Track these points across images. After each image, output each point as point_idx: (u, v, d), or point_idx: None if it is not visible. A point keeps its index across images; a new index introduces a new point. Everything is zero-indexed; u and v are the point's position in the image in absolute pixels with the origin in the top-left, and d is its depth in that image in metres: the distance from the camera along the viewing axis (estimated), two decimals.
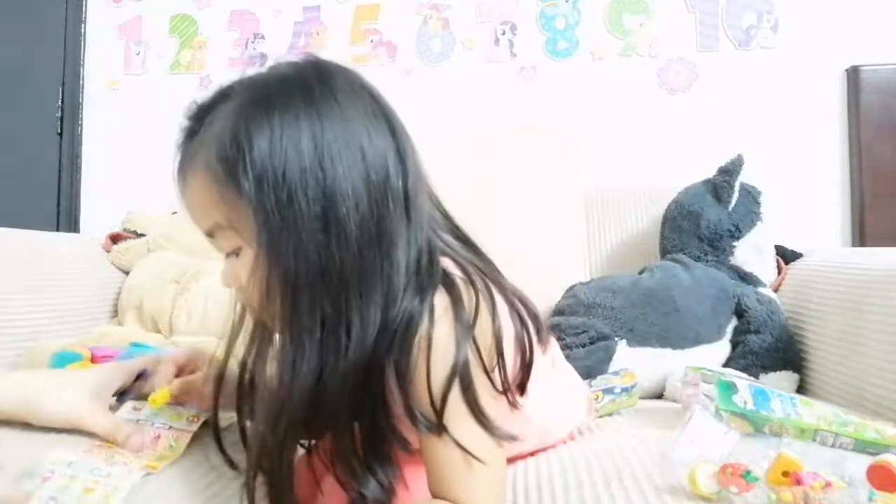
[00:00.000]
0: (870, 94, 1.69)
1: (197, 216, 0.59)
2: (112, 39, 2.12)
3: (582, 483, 0.65)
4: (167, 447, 0.63)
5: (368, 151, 0.56)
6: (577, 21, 1.87)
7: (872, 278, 1.01)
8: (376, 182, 0.55)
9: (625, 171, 1.73)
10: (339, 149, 0.54)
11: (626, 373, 1.01)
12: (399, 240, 0.57)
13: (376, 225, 0.55)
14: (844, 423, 0.77)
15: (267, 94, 0.56)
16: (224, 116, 0.56)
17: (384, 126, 0.58)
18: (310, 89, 0.56)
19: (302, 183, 0.53)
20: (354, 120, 0.56)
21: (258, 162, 0.53)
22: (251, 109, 0.55)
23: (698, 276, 1.27)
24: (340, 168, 0.54)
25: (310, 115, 0.54)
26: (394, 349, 0.57)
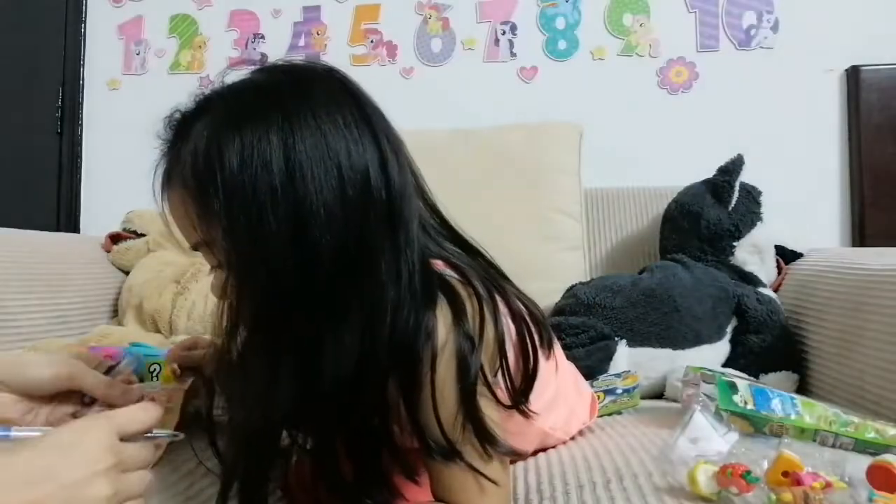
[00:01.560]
0: (870, 94, 1.68)
1: (180, 230, 0.58)
2: (112, 39, 2.12)
3: (582, 485, 0.65)
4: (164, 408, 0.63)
5: (345, 166, 0.52)
6: (577, 21, 1.87)
7: (872, 278, 1.01)
8: (353, 198, 0.52)
9: (625, 171, 1.73)
10: (311, 165, 0.51)
11: (628, 375, 1.01)
12: (382, 258, 0.54)
13: (354, 245, 0.52)
14: (845, 424, 0.77)
15: (240, 108, 0.53)
16: (199, 132, 0.53)
17: (368, 136, 0.55)
18: (283, 102, 0.53)
19: (272, 202, 0.50)
20: (331, 133, 0.53)
21: (228, 181, 0.50)
22: (223, 125, 0.52)
23: (698, 276, 1.27)
24: (312, 186, 0.51)
25: (282, 129, 0.51)
26: (395, 372, 0.55)
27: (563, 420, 0.81)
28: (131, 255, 1.52)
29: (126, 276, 1.50)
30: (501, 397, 0.60)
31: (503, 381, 0.61)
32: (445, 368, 0.55)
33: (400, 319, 0.54)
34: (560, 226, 1.50)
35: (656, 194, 1.60)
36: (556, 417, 0.79)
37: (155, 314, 1.35)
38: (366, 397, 0.55)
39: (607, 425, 0.89)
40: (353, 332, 0.53)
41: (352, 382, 0.53)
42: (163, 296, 1.36)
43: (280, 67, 0.58)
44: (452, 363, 0.55)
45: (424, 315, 0.55)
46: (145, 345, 1.12)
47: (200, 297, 1.33)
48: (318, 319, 0.53)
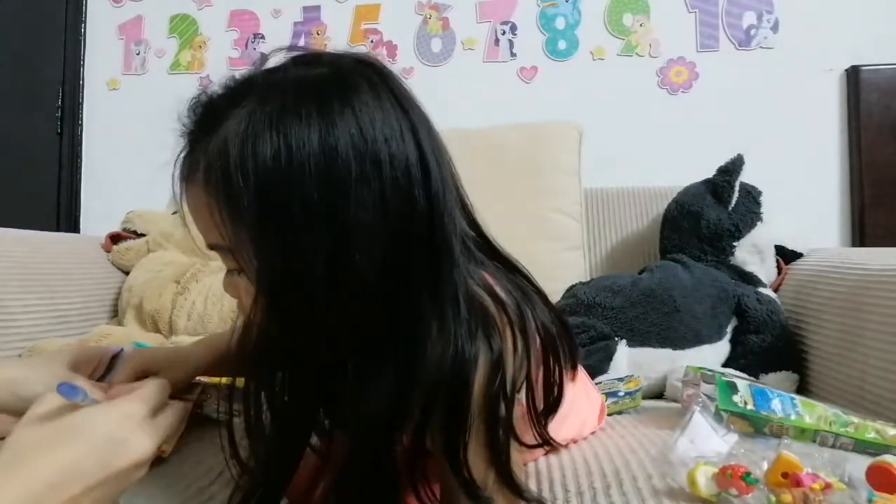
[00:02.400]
0: (870, 94, 1.68)
1: (198, 228, 0.53)
2: (112, 39, 2.12)
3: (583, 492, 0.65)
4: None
5: (389, 179, 0.47)
6: (577, 21, 1.87)
7: (872, 278, 1.01)
8: (395, 212, 0.47)
9: (625, 171, 1.73)
10: (353, 178, 0.46)
11: (630, 379, 1.02)
12: (424, 287, 0.48)
13: (390, 270, 0.47)
14: (845, 424, 0.77)
15: (279, 104, 0.47)
16: (232, 126, 0.47)
17: (412, 143, 0.50)
18: (327, 104, 0.47)
19: (308, 213, 0.45)
20: (376, 143, 0.47)
21: (261, 184, 0.45)
22: (260, 122, 0.46)
23: (698, 276, 1.27)
24: (353, 203, 0.45)
25: (323, 136, 0.46)
26: (437, 413, 0.50)
27: (575, 431, 0.80)
28: (131, 255, 1.52)
29: (126, 276, 1.50)
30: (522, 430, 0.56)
31: (528, 413, 0.57)
32: (479, 409, 0.50)
33: (444, 352, 0.48)
34: (560, 226, 1.49)
35: (656, 194, 1.60)
36: (569, 429, 0.79)
37: (155, 314, 1.34)
38: (396, 436, 0.50)
39: (608, 426, 0.89)
40: (387, 371, 0.48)
41: (383, 423, 0.49)
42: (163, 296, 1.36)
43: (323, 60, 0.52)
44: (485, 404, 0.50)
45: (472, 347, 0.50)
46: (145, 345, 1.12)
47: (200, 297, 1.33)
48: (348, 351, 0.49)
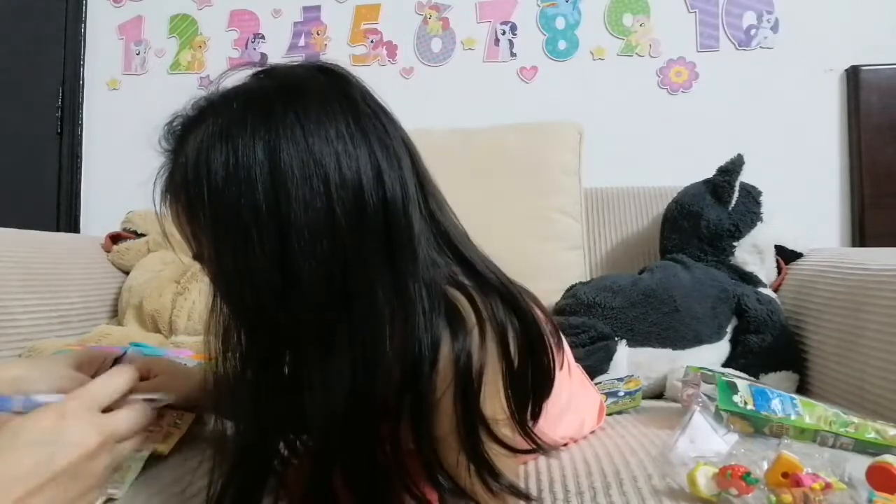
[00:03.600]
0: (870, 94, 1.68)
1: (182, 240, 0.56)
2: (112, 39, 2.12)
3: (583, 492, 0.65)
4: (172, 424, 0.64)
5: (335, 183, 0.48)
6: (577, 21, 1.87)
7: (872, 278, 1.01)
8: (342, 216, 0.48)
9: (625, 171, 1.73)
10: (296, 183, 0.47)
11: (630, 379, 1.02)
12: (379, 287, 0.49)
13: (342, 273, 0.48)
14: (845, 424, 0.77)
15: (229, 119, 0.50)
16: (192, 143, 0.51)
17: (364, 147, 0.50)
18: (271, 112, 0.49)
19: (257, 222, 0.47)
20: (321, 147, 0.48)
21: (214, 197, 0.48)
22: (212, 136, 0.49)
23: (698, 276, 1.27)
24: (298, 206, 0.47)
25: (268, 143, 0.48)
26: (404, 407, 0.51)
27: (573, 430, 0.80)
28: (131, 255, 1.52)
29: (126, 276, 1.50)
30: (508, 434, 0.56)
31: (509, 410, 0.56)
32: (446, 403, 0.51)
33: (405, 350, 0.50)
34: (560, 226, 1.49)
35: (656, 194, 1.60)
36: (567, 427, 0.79)
37: (155, 314, 1.35)
38: (365, 432, 0.51)
39: (608, 426, 0.89)
40: (343, 368, 0.49)
41: (345, 419, 0.50)
42: (163, 296, 1.36)
43: (275, 72, 0.54)
44: (451, 398, 0.51)
45: (431, 345, 0.51)
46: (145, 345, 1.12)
47: (200, 297, 1.33)
48: (304, 353, 0.50)
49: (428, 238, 0.55)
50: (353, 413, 0.50)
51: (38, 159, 2.15)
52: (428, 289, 0.52)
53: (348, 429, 0.51)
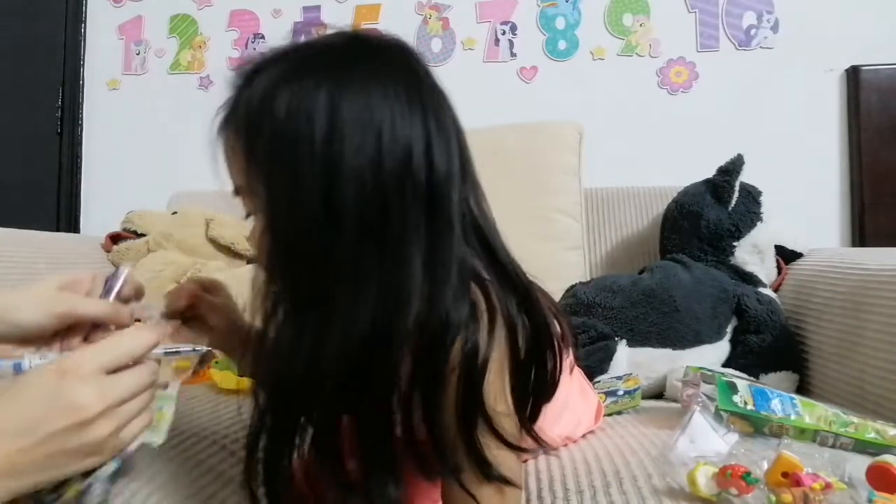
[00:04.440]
0: (870, 94, 1.68)
1: (229, 172, 0.58)
2: (112, 39, 2.12)
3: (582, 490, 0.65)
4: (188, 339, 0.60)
5: (386, 137, 0.51)
6: (577, 21, 1.87)
7: (872, 278, 1.01)
8: (389, 171, 0.51)
9: (625, 171, 1.73)
10: (352, 128, 0.51)
11: (629, 377, 1.02)
12: (414, 240, 0.52)
13: (380, 217, 0.51)
14: (845, 424, 0.77)
15: (298, 63, 0.55)
16: (260, 81, 0.54)
17: (418, 115, 0.53)
18: (339, 63, 0.54)
19: (310, 157, 0.50)
20: (378, 102, 0.52)
21: (274, 129, 0.52)
22: (283, 77, 0.53)
23: (698, 276, 1.27)
24: (349, 148, 0.50)
25: (331, 89, 0.52)
26: (419, 368, 0.53)
27: (569, 429, 0.81)
28: (131, 255, 1.52)
29: None
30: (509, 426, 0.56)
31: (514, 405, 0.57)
32: (451, 386, 0.53)
33: (429, 312, 0.52)
34: (560, 226, 1.49)
35: (656, 194, 1.60)
36: (563, 427, 0.79)
37: None
38: (374, 384, 0.53)
39: (608, 426, 0.89)
40: (366, 309, 0.51)
41: (356, 364, 0.52)
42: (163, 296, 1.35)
43: (350, 33, 0.58)
44: (455, 382, 0.53)
45: (456, 317, 0.52)
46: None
47: None
48: (334, 285, 0.52)
49: (460, 224, 0.56)
50: (367, 363, 0.52)
51: (38, 159, 2.15)
52: (459, 269, 0.54)
53: (361, 380, 0.52)
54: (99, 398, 0.44)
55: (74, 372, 0.44)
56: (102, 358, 0.46)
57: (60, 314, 0.54)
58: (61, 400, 0.43)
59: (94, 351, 0.46)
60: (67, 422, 0.42)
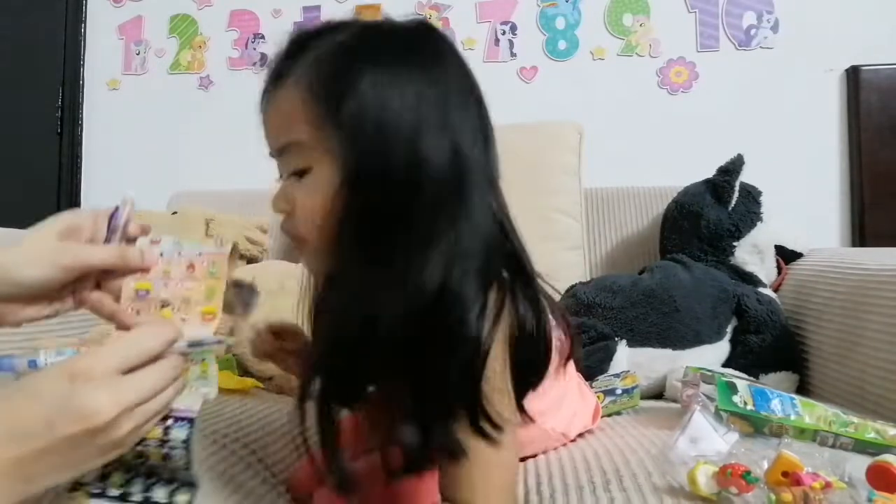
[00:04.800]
0: (870, 94, 1.68)
1: (276, 130, 0.59)
2: (112, 39, 2.13)
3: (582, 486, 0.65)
4: (207, 274, 0.54)
5: (459, 125, 0.56)
6: (577, 21, 1.87)
7: (872, 278, 1.01)
8: (463, 152, 0.55)
9: (625, 171, 1.73)
10: (434, 108, 0.55)
11: (626, 375, 1.01)
12: (475, 213, 0.56)
13: (457, 188, 0.55)
14: (844, 424, 0.77)
15: (379, 36, 0.58)
16: (333, 45, 0.56)
17: (475, 108, 0.60)
18: (421, 45, 0.58)
19: (396, 123, 0.53)
20: (455, 90, 0.57)
21: (362, 91, 0.53)
22: (365, 45, 0.56)
23: (698, 276, 1.27)
24: (433, 116, 0.54)
25: (418, 65, 0.56)
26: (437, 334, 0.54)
27: (564, 423, 0.81)
28: None
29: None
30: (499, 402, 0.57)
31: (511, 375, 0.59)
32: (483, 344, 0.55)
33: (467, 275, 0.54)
34: (560, 226, 1.49)
35: (656, 194, 1.60)
36: (559, 420, 0.79)
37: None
38: (435, 343, 0.54)
39: (607, 426, 0.89)
40: (436, 268, 0.53)
41: (416, 325, 0.53)
42: None
43: (414, 21, 0.61)
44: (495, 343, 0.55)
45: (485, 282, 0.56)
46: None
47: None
48: (406, 245, 0.54)
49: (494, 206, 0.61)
50: (429, 323, 0.53)
51: (38, 159, 2.15)
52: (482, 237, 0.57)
53: (420, 339, 0.53)
54: (112, 402, 0.41)
55: (86, 375, 0.41)
56: (117, 358, 0.43)
57: (65, 267, 0.51)
58: (72, 406, 0.40)
59: (108, 350, 0.43)
60: (79, 428, 0.40)
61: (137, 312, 0.53)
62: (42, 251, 0.51)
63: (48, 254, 0.50)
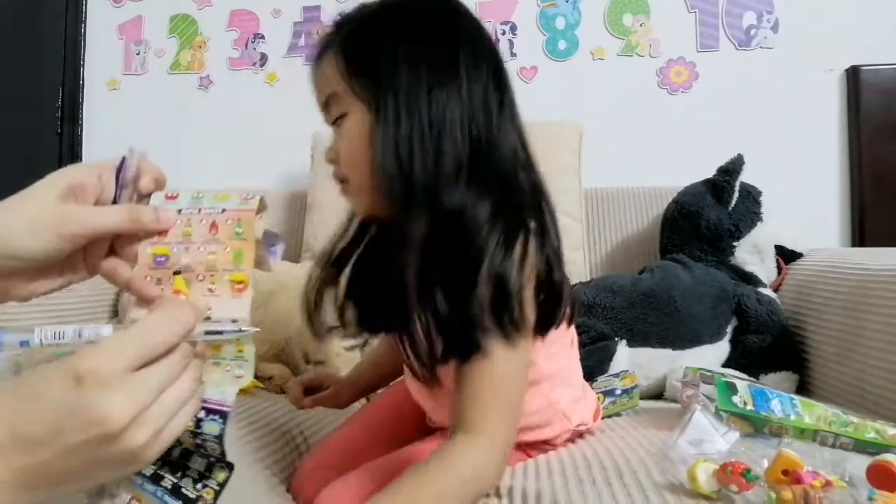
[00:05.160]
0: (870, 94, 1.68)
1: (319, 87, 0.71)
2: (112, 39, 2.12)
3: (582, 480, 0.65)
4: (232, 234, 0.47)
5: (469, 70, 0.67)
6: (577, 21, 1.87)
7: (872, 278, 1.01)
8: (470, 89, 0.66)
9: (625, 171, 1.73)
10: (443, 54, 0.66)
11: (626, 375, 1.01)
12: (488, 148, 0.68)
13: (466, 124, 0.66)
14: (844, 424, 0.77)
15: (397, 6, 0.70)
16: (360, 17, 0.69)
17: (489, 56, 0.71)
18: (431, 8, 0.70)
19: (411, 70, 0.64)
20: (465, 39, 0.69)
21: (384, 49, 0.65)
22: (385, 13, 0.69)
23: (698, 276, 1.27)
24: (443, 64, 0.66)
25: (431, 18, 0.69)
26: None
27: (568, 401, 0.81)
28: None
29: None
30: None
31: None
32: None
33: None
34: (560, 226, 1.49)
35: (656, 194, 1.60)
36: (564, 395, 0.80)
37: None
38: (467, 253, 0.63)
39: (607, 427, 0.89)
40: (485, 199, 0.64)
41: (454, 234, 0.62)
42: None
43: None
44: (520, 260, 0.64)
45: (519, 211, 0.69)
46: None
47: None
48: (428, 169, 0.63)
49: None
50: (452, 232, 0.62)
51: (38, 159, 2.15)
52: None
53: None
54: (126, 406, 0.35)
55: (94, 377, 0.35)
56: (128, 355, 0.37)
57: (70, 235, 0.44)
58: (79, 414, 0.35)
59: (116, 347, 0.37)
60: (89, 435, 0.35)
61: (158, 282, 0.46)
62: (42, 218, 0.44)
63: (49, 221, 0.44)
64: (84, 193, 0.47)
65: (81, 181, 0.47)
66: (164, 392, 0.38)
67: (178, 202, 0.49)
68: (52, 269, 0.47)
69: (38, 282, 0.47)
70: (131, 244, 0.47)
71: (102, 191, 0.48)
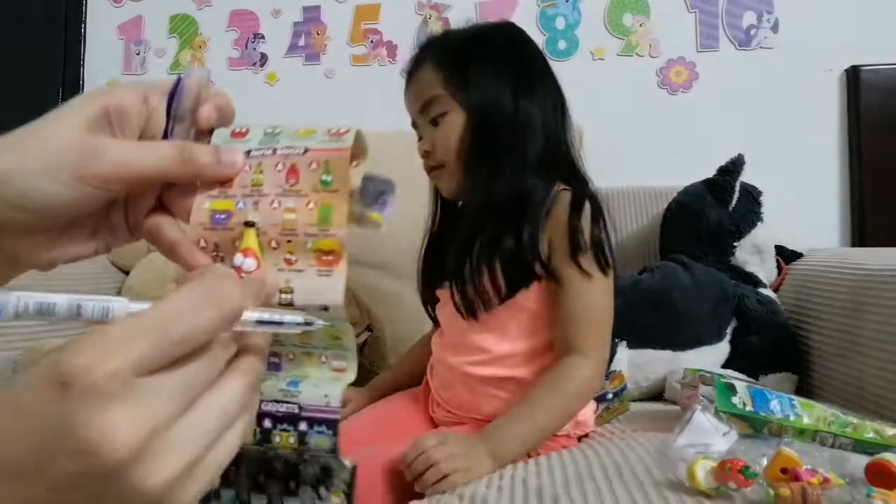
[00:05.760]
0: (870, 94, 1.68)
1: (418, 94, 0.93)
2: (112, 39, 2.13)
3: (582, 478, 0.65)
4: (318, 184, 0.34)
5: (536, 91, 0.94)
6: (577, 21, 1.87)
7: (872, 278, 1.01)
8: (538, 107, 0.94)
9: (625, 171, 1.72)
10: (519, 77, 0.92)
11: (615, 375, 1.01)
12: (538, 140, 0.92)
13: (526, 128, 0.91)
14: (843, 424, 0.77)
15: (481, 31, 1.00)
16: (452, 38, 1.00)
17: (549, 78, 1.00)
18: (509, 36, 0.99)
19: (511, 74, 0.91)
20: (534, 67, 0.97)
21: (479, 67, 0.90)
22: (476, 36, 0.98)
23: (699, 277, 1.27)
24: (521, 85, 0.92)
25: (509, 48, 0.96)
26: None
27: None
28: (131, 254, 1.52)
29: (126, 275, 1.50)
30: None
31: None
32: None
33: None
34: None
35: (656, 194, 1.60)
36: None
37: None
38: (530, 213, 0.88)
39: (606, 431, 0.90)
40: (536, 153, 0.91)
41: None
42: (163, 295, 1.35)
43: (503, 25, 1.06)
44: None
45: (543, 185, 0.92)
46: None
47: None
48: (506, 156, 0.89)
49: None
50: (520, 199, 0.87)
51: None
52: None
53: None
54: (129, 426, 0.23)
55: (84, 382, 0.23)
56: (137, 349, 0.24)
57: (96, 179, 0.31)
58: (65, 436, 0.23)
59: (121, 337, 0.25)
60: (80, 466, 0.23)
61: (215, 247, 0.35)
62: (60, 152, 0.31)
63: (70, 157, 0.31)
64: (123, 122, 0.34)
65: (121, 105, 0.34)
66: (196, 405, 0.26)
67: (247, 141, 0.38)
68: (81, 229, 0.35)
69: (63, 245, 0.35)
70: (185, 197, 0.35)
71: (149, 120, 0.35)
